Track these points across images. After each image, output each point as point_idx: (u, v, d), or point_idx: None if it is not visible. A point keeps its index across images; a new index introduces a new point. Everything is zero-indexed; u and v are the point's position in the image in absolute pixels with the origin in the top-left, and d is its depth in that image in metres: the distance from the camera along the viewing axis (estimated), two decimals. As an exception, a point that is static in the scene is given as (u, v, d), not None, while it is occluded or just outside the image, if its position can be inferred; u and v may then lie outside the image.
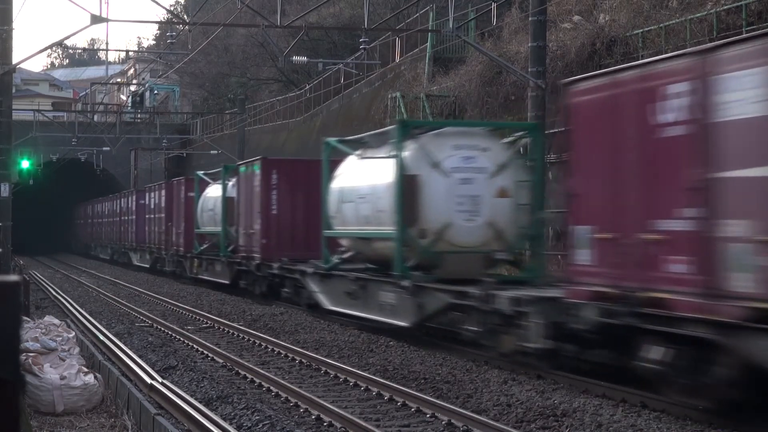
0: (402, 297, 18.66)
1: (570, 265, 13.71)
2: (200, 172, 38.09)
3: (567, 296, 13.65)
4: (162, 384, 13.88)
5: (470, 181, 18.47)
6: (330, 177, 22.24)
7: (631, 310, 12.21)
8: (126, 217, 53.76)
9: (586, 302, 13.13)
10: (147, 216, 47.19)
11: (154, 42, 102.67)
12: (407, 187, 18.46)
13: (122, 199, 55.74)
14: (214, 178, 35.58)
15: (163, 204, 43.01)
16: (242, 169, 30.71)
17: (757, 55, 10.72)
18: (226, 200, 32.12)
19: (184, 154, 65.35)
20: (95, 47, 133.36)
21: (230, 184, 32.13)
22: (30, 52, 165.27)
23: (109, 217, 60.19)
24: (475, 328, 16.42)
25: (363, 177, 20.52)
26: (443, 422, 11.87)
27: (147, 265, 47.39)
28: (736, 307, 10.58)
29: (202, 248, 35.72)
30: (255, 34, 53.83)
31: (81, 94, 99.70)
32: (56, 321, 17.81)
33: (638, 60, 23.51)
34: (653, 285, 11.95)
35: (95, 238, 67.59)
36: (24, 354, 13.40)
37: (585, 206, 13.55)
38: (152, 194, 46.19)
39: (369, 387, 14.23)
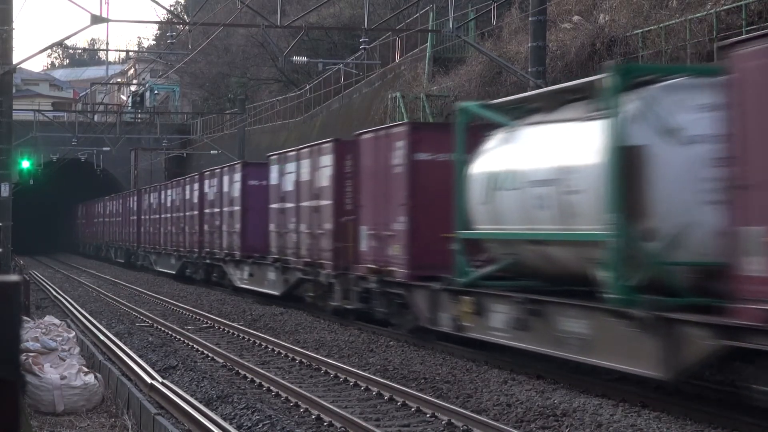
0: None
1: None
2: (474, 103, 18.54)
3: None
4: (162, 384, 13.88)
5: None
6: None
7: None
8: (216, 209, 34.51)
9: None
10: (274, 206, 27.41)
11: (154, 42, 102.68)
12: None
13: (205, 182, 36.59)
14: (521, 111, 16.67)
15: (323, 182, 23.73)
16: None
17: None
18: (626, 157, 12.93)
19: (184, 154, 65.35)
20: (95, 47, 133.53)
21: (633, 109, 13.10)
22: (30, 52, 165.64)
23: (175, 211, 41.42)
24: None
25: None
26: (443, 422, 11.87)
27: (275, 292, 27.60)
28: None
29: (483, 273, 16.88)
30: (255, 34, 53.83)
31: (81, 94, 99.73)
32: (56, 321, 17.81)
33: (638, 60, 23.54)
34: None
35: (146, 243, 48.23)
36: (24, 354, 13.40)
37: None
38: (288, 167, 26.51)
39: (369, 387, 14.23)
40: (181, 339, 20.59)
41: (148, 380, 14.30)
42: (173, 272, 41.07)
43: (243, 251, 30.72)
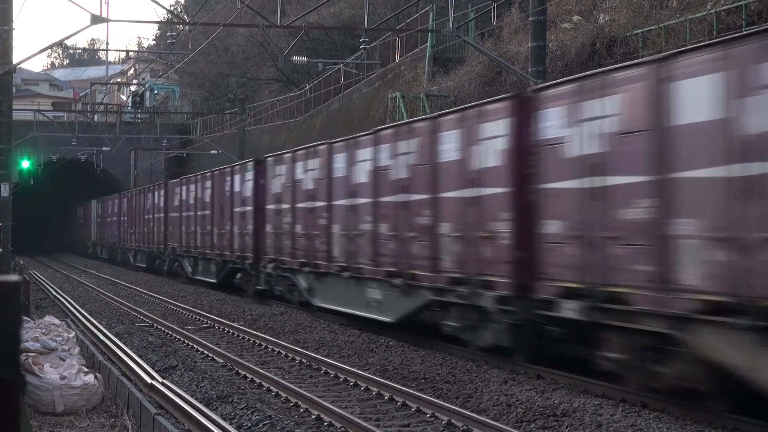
0: None
1: None
2: None
3: None
4: (162, 384, 13.88)
5: None
6: None
7: None
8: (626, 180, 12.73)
9: None
10: None
11: (154, 42, 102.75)
12: None
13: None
14: None
15: None
16: None
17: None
18: None
19: (184, 154, 65.36)
20: (95, 47, 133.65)
21: None
22: (30, 52, 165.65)
23: (368, 194, 20.36)
24: None
25: None
26: (443, 422, 11.87)
27: None
28: None
29: None
30: (255, 34, 53.84)
31: (81, 94, 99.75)
32: (56, 321, 17.82)
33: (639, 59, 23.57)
34: None
35: (284, 253, 25.72)
36: (24, 354, 13.40)
37: None
38: None
39: (369, 387, 14.23)
40: (181, 339, 20.59)
41: (148, 380, 14.30)
42: (380, 319, 19.95)
43: None
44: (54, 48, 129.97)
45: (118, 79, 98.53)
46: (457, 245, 16.59)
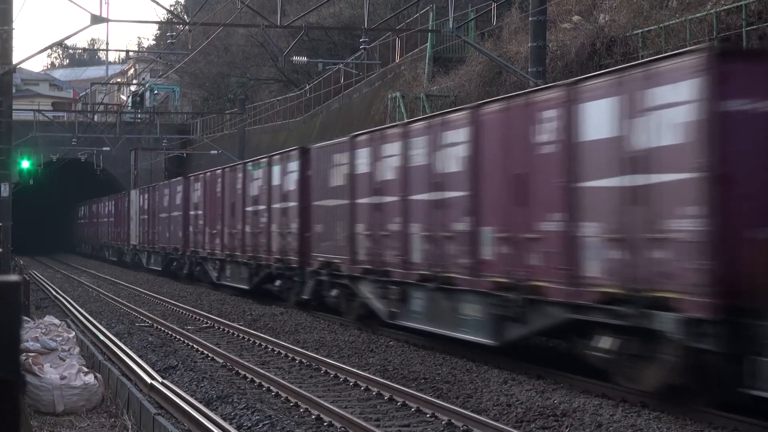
0: None
1: None
2: None
3: None
4: (162, 384, 13.88)
5: None
6: None
7: None
8: None
9: None
10: None
11: (154, 42, 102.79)
12: None
13: None
14: None
15: None
16: None
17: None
18: None
19: (184, 154, 65.35)
20: (95, 47, 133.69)
21: None
22: (30, 52, 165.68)
23: None
24: None
25: None
26: (443, 422, 11.87)
27: None
28: None
29: None
30: (255, 34, 53.84)
31: (81, 94, 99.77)
32: (56, 321, 17.82)
33: (639, 60, 23.55)
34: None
35: None
36: (24, 354, 13.41)
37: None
38: None
39: (369, 387, 14.23)
40: (181, 339, 20.59)
41: (148, 380, 14.30)
42: None
43: None
44: (54, 48, 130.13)
45: (118, 79, 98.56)
46: None
